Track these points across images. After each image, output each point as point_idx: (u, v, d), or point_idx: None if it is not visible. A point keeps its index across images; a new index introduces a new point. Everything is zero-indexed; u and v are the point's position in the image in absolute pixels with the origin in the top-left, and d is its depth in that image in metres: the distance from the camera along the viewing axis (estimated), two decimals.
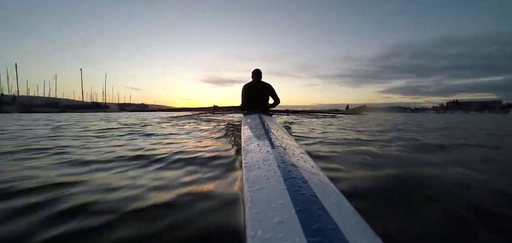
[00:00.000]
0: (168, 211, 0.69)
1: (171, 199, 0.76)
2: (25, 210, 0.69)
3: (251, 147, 0.96)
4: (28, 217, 0.65)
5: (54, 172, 1.06)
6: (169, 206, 0.72)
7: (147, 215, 0.67)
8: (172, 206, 0.72)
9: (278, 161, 0.65)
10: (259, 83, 3.08)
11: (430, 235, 0.60)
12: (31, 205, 0.71)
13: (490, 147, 2.05)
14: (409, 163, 1.35)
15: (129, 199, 0.76)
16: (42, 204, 0.72)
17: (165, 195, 0.79)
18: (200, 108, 5.31)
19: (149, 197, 0.78)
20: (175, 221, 0.63)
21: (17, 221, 0.63)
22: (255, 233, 0.36)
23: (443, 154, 1.65)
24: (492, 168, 1.30)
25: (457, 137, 2.61)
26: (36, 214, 0.66)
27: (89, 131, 2.88)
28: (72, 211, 0.68)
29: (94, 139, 2.13)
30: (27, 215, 0.66)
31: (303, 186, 0.47)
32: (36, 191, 0.81)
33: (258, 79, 3.09)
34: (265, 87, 3.10)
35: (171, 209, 0.70)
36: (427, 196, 0.84)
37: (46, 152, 1.52)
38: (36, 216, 0.65)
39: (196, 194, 0.80)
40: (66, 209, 0.69)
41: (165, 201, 0.75)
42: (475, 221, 0.66)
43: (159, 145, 1.74)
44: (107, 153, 1.48)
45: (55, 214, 0.66)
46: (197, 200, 0.76)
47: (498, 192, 0.88)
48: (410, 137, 2.42)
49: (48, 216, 0.65)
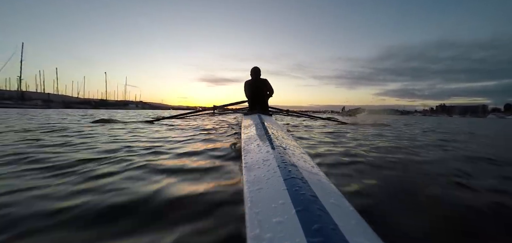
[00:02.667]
0: (168, 211, 0.69)
1: (171, 199, 0.76)
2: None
3: (251, 147, 0.96)
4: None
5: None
6: (169, 206, 0.72)
7: (147, 215, 0.67)
8: (172, 206, 0.72)
9: (278, 161, 0.65)
10: (258, 81, 3.24)
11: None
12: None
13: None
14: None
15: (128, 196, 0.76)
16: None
17: (165, 195, 0.79)
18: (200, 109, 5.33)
19: (149, 197, 0.78)
20: (175, 220, 0.63)
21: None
22: (255, 233, 0.36)
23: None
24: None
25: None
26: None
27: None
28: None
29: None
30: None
31: (303, 186, 0.47)
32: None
33: (257, 76, 3.25)
34: (263, 84, 3.28)
35: (171, 209, 0.70)
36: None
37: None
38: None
39: (196, 194, 0.80)
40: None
41: (165, 201, 0.75)
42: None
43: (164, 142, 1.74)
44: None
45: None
46: (197, 200, 0.76)
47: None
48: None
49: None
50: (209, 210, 0.69)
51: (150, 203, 0.73)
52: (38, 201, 0.73)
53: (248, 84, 3.26)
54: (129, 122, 3.99)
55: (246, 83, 3.29)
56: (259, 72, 3.25)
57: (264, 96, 3.27)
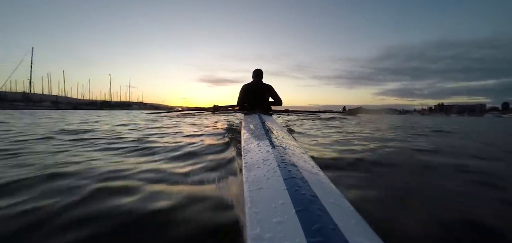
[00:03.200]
0: (168, 211, 0.69)
1: (171, 198, 0.76)
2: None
3: (251, 147, 0.96)
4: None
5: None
6: (169, 206, 0.71)
7: (146, 215, 0.67)
8: (172, 205, 0.72)
9: (278, 161, 0.65)
10: (260, 84, 2.93)
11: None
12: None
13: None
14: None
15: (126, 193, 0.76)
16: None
17: (165, 195, 0.79)
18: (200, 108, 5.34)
19: (148, 197, 0.78)
20: (174, 220, 0.63)
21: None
22: (255, 233, 0.36)
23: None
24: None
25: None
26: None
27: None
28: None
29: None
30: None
31: (303, 186, 0.47)
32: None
33: (259, 79, 2.93)
34: (266, 89, 2.94)
35: (171, 209, 0.70)
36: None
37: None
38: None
39: (196, 194, 0.80)
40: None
41: (165, 201, 0.75)
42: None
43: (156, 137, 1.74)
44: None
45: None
46: (197, 200, 0.76)
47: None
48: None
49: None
50: (209, 209, 0.69)
51: (147, 202, 0.73)
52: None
53: (246, 88, 2.92)
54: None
55: (243, 87, 2.93)
56: (261, 75, 2.93)
57: (266, 103, 2.94)
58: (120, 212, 0.67)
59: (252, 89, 2.91)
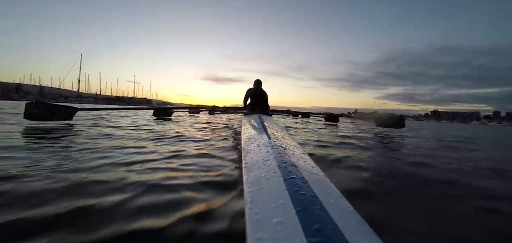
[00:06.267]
0: (168, 211, 0.68)
1: (171, 198, 0.76)
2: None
3: (251, 147, 0.95)
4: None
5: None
6: (169, 206, 0.71)
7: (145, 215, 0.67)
8: (172, 205, 0.72)
9: (278, 161, 0.65)
10: (260, 91, 3.84)
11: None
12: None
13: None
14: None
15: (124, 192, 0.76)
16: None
17: (164, 195, 0.79)
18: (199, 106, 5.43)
19: (148, 197, 0.77)
20: (174, 220, 0.63)
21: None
22: (255, 233, 0.35)
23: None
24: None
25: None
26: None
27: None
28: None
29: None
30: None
31: (303, 186, 0.47)
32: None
33: (259, 86, 3.86)
34: (264, 95, 3.87)
35: (171, 209, 0.70)
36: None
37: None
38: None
39: (195, 194, 0.80)
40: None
41: (165, 201, 0.75)
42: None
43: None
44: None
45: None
46: (196, 200, 0.76)
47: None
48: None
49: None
50: (209, 209, 0.69)
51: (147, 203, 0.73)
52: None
53: (251, 91, 3.81)
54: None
55: (249, 90, 3.84)
56: (261, 84, 3.94)
57: (264, 103, 3.85)
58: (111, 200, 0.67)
59: (255, 92, 3.81)
